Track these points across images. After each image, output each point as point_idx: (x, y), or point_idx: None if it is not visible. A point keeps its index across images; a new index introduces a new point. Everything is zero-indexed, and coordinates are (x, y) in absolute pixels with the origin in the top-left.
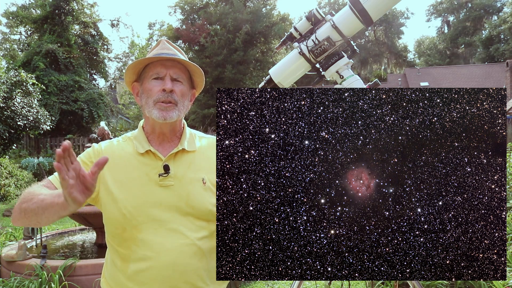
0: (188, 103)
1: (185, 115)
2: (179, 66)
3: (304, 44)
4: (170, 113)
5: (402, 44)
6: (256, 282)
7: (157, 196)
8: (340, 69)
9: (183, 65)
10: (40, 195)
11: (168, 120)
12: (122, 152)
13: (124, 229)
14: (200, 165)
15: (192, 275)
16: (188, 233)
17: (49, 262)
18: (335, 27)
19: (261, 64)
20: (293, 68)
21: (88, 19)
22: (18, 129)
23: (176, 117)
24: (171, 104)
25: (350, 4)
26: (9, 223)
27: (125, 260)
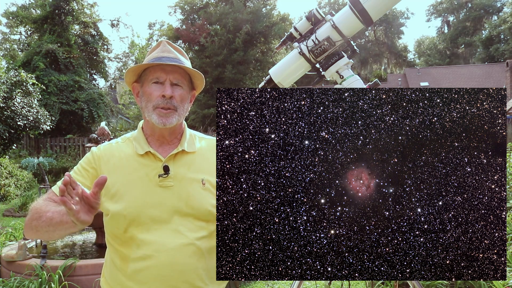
0: (188, 105)
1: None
2: (179, 71)
3: (304, 44)
4: (170, 119)
5: (402, 44)
6: (256, 282)
7: (157, 196)
8: (340, 69)
9: (183, 69)
10: (48, 212)
11: (168, 126)
12: (121, 153)
13: (125, 230)
14: (199, 166)
15: (191, 275)
16: (187, 233)
17: (49, 262)
18: (335, 27)
19: (261, 64)
20: (293, 68)
21: (88, 19)
22: (18, 129)
23: (176, 122)
24: (171, 110)
25: (350, 4)
26: (9, 223)
27: (124, 260)
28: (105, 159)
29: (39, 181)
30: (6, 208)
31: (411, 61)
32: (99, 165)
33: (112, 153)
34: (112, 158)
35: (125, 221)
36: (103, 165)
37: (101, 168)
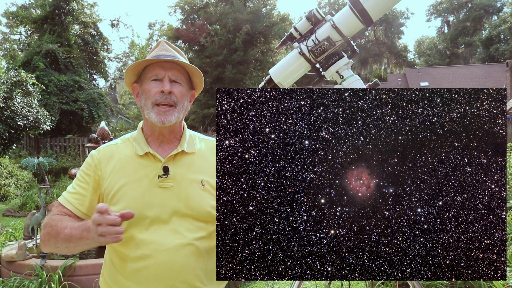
0: (187, 104)
1: (185, 116)
2: (178, 68)
3: (304, 44)
4: (169, 116)
5: (402, 44)
6: (256, 282)
7: (157, 197)
8: (340, 69)
9: (182, 67)
10: (66, 229)
11: (167, 124)
12: (121, 155)
13: (124, 230)
14: (199, 167)
15: (189, 275)
16: (186, 233)
17: (49, 262)
18: (335, 27)
19: (261, 64)
20: (293, 68)
21: (88, 19)
22: (18, 129)
23: (175, 120)
24: (170, 108)
25: (350, 4)
26: (9, 223)
27: (123, 260)
28: (104, 161)
29: (39, 181)
30: (6, 208)
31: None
32: (100, 168)
33: (111, 155)
34: (112, 159)
35: (125, 221)
36: (103, 167)
37: (101, 170)
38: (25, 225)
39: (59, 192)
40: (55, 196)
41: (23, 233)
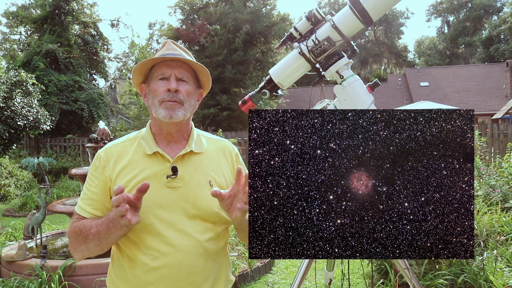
0: (195, 103)
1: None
2: (184, 66)
3: (304, 44)
4: (176, 112)
5: (402, 44)
6: (256, 282)
7: (165, 197)
8: (340, 69)
9: (188, 65)
10: (92, 229)
11: (174, 119)
12: (129, 154)
13: (132, 230)
14: (207, 167)
15: (197, 277)
16: (195, 235)
17: (49, 262)
18: (335, 27)
19: (261, 64)
20: (293, 68)
21: (88, 19)
22: (18, 129)
23: (182, 116)
24: (177, 103)
25: (350, 4)
26: (9, 223)
27: (131, 260)
28: (112, 161)
29: (39, 181)
30: (6, 208)
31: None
32: (107, 168)
33: (119, 154)
34: (120, 159)
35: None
36: (111, 167)
37: (109, 171)
38: (25, 225)
39: (59, 192)
40: (55, 196)
41: (23, 233)
